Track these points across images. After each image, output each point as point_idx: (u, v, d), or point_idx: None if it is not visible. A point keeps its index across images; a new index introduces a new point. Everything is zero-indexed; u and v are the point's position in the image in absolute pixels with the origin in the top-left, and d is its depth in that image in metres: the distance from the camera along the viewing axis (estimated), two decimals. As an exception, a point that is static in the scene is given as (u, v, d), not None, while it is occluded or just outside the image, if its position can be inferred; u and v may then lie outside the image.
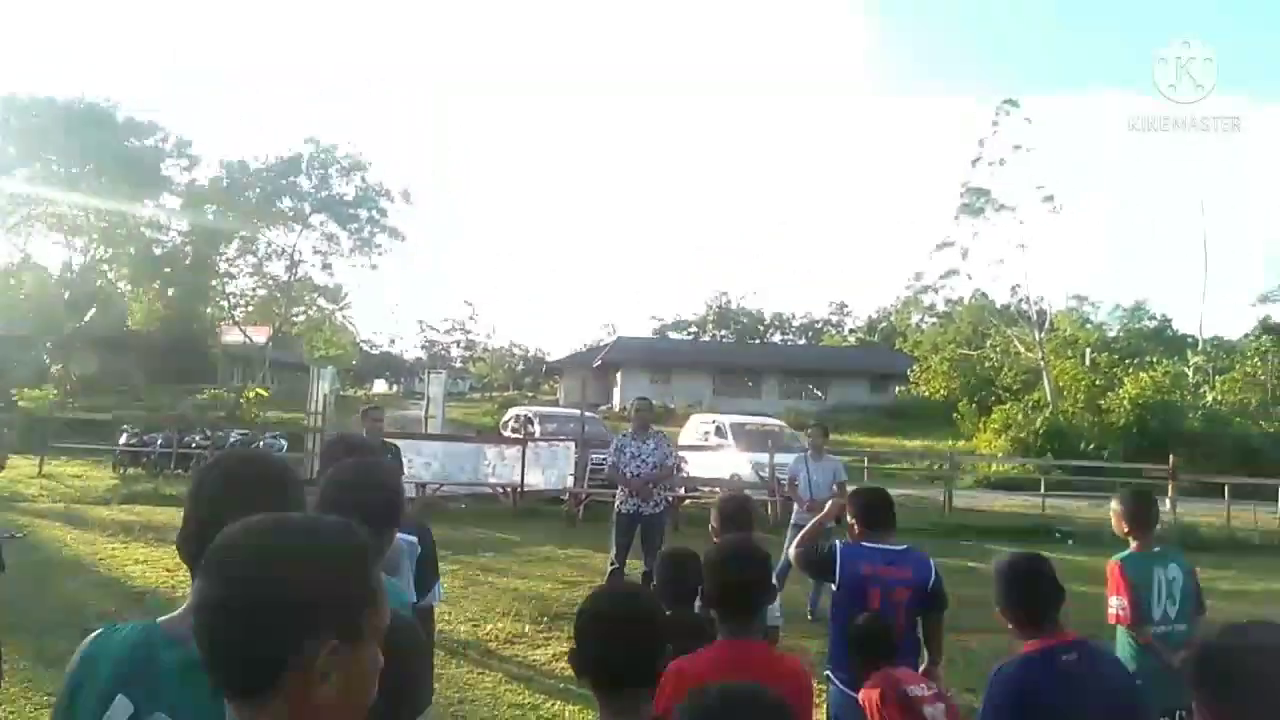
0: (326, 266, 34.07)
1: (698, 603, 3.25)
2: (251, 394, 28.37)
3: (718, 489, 16.65)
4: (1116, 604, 4.00)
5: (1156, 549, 4.10)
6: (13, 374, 26.70)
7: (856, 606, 3.72)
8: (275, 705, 1.01)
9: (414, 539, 3.46)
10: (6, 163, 28.68)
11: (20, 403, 23.37)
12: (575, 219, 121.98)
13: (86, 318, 29.28)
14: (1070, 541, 13.16)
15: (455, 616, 7.64)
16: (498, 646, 6.94)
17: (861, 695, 3.34)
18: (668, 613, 3.30)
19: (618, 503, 7.90)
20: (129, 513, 12.50)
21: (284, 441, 18.37)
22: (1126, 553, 4.10)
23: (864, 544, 3.95)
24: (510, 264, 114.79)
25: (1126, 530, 4.12)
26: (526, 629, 7.42)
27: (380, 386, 65.93)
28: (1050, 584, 2.58)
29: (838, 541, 4.12)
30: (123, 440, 18.19)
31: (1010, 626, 2.61)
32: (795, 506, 8.49)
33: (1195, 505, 16.56)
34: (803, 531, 4.15)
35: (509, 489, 14.56)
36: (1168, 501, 14.71)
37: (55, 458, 17.75)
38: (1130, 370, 30.42)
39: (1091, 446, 25.22)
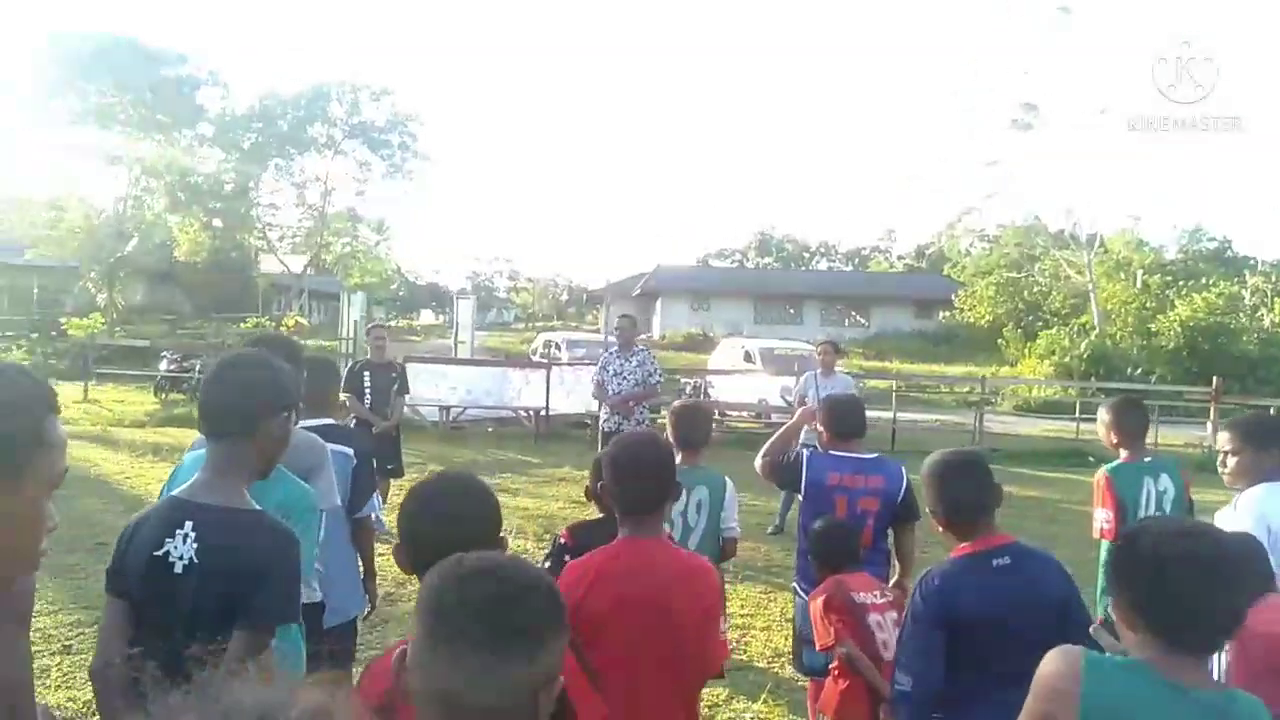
0: (360, 193, 34.20)
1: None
2: (291, 322, 28.81)
3: (745, 413, 16.60)
4: (1101, 516, 3.81)
5: (1147, 459, 3.88)
6: (63, 304, 27.42)
7: (821, 516, 3.58)
8: None
9: (349, 451, 3.43)
10: (47, 94, 28.92)
11: (70, 331, 24.06)
12: (624, 151, 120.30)
13: (129, 247, 29.77)
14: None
15: (461, 533, 7.69)
16: (498, 562, 6.97)
17: (809, 601, 3.22)
18: (600, 516, 3.22)
19: (602, 420, 7.91)
20: (163, 435, 12.81)
21: None
22: (1115, 463, 3.88)
23: (832, 453, 3.79)
24: (557, 196, 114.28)
25: (1115, 441, 3.90)
26: (529, 546, 7.45)
27: (428, 316, 66.61)
28: (984, 483, 2.38)
29: (805, 450, 3.97)
30: (164, 366, 18.62)
31: (941, 530, 2.43)
32: (805, 425, 8.32)
33: (1242, 430, 15.93)
34: (770, 440, 3.99)
35: (533, 413, 14.60)
36: (1209, 425, 14.18)
37: (101, 384, 18.34)
38: (1184, 293, 29.25)
39: (1139, 371, 24.42)
